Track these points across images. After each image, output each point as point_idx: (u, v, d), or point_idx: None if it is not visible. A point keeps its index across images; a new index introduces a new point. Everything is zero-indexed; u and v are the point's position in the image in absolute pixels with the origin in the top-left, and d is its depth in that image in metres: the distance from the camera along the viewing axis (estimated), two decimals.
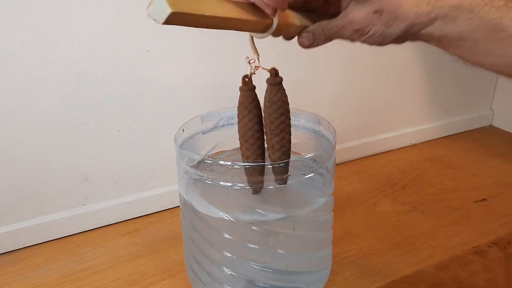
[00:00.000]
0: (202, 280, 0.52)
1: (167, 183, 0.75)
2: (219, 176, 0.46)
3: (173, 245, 0.66)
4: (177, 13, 0.33)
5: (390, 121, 0.96)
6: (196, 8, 0.34)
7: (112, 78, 0.65)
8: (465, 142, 1.00)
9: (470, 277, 0.58)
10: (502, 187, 0.80)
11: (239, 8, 0.38)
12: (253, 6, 0.39)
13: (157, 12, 0.33)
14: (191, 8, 0.34)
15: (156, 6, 0.33)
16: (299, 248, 0.51)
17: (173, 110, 0.71)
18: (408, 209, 0.74)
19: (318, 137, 0.56)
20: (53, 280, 0.60)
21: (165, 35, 0.66)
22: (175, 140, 0.51)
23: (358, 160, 0.93)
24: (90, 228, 0.71)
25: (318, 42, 0.44)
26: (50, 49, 0.60)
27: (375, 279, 0.58)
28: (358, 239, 0.66)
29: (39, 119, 0.62)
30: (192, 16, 0.34)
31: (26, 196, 0.65)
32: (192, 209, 0.50)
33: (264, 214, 0.47)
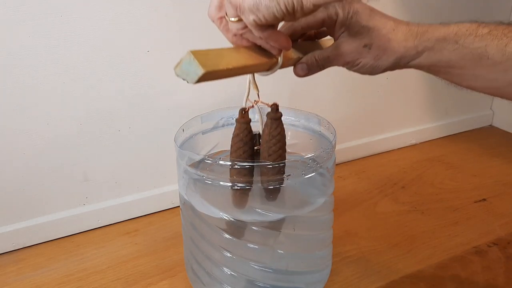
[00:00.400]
0: (202, 280, 0.52)
1: (167, 183, 0.75)
2: (219, 176, 0.46)
3: (173, 245, 0.66)
4: (207, 72, 0.35)
5: (390, 121, 0.96)
6: (220, 63, 0.37)
7: (112, 78, 0.65)
8: (465, 142, 1.00)
9: (470, 277, 0.58)
10: (502, 187, 0.80)
11: (251, 52, 0.41)
12: (260, 48, 0.42)
13: (187, 73, 0.36)
14: (217, 65, 0.36)
15: (186, 67, 0.36)
16: (299, 248, 0.51)
17: (173, 110, 0.71)
18: (408, 209, 0.74)
19: (318, 137, 0.56)
20: (53, 280, 0.60)
21: (165, 35, 0.66)
22: (175, 140, 0.51)
23: (358, 160, 0.93)
24: (90, 228, 0.71)
25: (313, 71, 0.47)
26: (50, 49, 0.60)
27: (375, 279, 0.58)
28: (358, 239, 0.66)
29: (39, 119, 0.62)
30: (219, 71, 0.37)
31: (26, 196, 0.65)
32: (192, 209, 0.50)
33: (264, 214, 0.47)
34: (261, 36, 0.40)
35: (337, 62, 0.46)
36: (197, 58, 0.35)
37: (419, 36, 0.45)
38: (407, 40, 0.45)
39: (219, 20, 0.42)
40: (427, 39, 0.45)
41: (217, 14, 0.42)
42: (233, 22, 0.40)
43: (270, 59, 0.42)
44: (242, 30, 0.40)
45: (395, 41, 0.44)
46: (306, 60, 0.46)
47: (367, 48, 0.44)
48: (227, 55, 0.39)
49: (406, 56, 0.45)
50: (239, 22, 0.39)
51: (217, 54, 0.38)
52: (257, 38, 0.41)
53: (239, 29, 0.40)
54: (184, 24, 0.67)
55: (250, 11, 0.37)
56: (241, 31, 0.40)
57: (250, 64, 0.40)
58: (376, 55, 0.45)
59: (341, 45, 0.45)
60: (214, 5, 0.42)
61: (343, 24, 0.45)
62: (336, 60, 0.46)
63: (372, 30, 0.44)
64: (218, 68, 0.36)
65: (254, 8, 0.36)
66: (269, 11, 0.36)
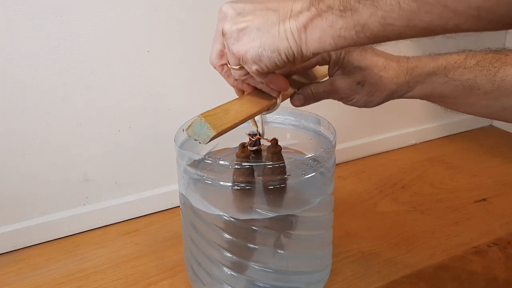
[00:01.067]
0: (202, 280, 0.52)
1: (167, 183, 0.75)
2: (219, 176, 0.46)
3: (173, 245, 0.66)
4: (218, 133, 0.39)
5: (390, 121, 0.96)
6: (228, 120, 0.40)
7: (112, 78, 0.65)
8: (465, 142, 1.00)
9: (470, 277, 0.58)
10: (502, 187, 0.80)
11: (252, 97, 0.44)
12: (259, 91, 0.45)
13: (198, 134, 0.39)
14: (225, 123, 0.40)
15: (197, 129, 0.39)
16: (299, 248, 0.51)
17: (173, 110, 0.71)
18: (408, 209, 0.74)
19: (318, 137, 0.56)
20: (53, 280, 0.60)
21: (165, 35, 0.66)
22: (175, 140, 0.51)
23: (358, 160, 0.93)
24: (90, 228, 0.71)
25: (309, 102, 0.49)
26: (50, 49, 0.60)
27: (375, 279, 0.58)
28: (358, 239, 0.66)
29: (39, 119, 0.62)
30: (227, 128, 0.40)
31: (26, 196, 0.65)
32: (192, 209, 0.50)
33: (264, 214, 0.47)
34: (262, 81, 0.42)
35: (332, 96, 0.49)
36: (207, 120, 0.39)
37: (410, 72, 0.47)
38: (398, 77, 0.47)
39: (220, 67, 0.45)
40: (417, 74, 0.47)
41: (218, 62, 0.44)
42: (235, 69, 0.42)
43: (270, 101, 0.45)
44: (244, 77, 0.42)
45: (387, 78, 0.47)
46: (303, 92, 0.49)
47: (360, 85, 0.47)
48: (232, 109, 0.42)
49: (398, 91, 0.47)
50: (241, 69, 0.41)
51: (223, 110, 0.41)
52: (258, 83, 0.43)
53: (241, 75, 0.42)
54: (184, 24, 0.67)
55: (252, 61, 0.38)
56: (243, 77, 0.42)
57: (253, 112, 0.43)
58: (369, 91, 0.47)
59: (335, 82, 0.48)
60: (215, 53, 0.44)
61: (336, 64, 0.48)
62: (331, 94, 0.48)
63: (364, 69, 0.46)
64: (227, 126, 0.40)
65: (256, 59, 0.38)
66: (271, 61, 0.38)
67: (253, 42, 0.37)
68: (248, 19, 0.38)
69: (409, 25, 0.30)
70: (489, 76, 0.44)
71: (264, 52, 0.37)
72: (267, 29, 0.37)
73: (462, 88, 0.46)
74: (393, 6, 0.30)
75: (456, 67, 0.46)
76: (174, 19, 0.66)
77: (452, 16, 0.28)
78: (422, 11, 0.29)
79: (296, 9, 0.36)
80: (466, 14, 0.27)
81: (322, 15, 0.34)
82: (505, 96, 0.45)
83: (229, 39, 0.39)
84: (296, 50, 0.36)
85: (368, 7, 0.31)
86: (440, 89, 0.46)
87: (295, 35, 0.36)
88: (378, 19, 0.31)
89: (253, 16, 0.38)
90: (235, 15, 0.39)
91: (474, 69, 0.45)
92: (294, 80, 0.49)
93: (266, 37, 0.37)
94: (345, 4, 0.32)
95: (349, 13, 0.32)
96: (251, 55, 0.38)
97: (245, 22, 0.38)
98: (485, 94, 0.45)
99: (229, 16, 0.39)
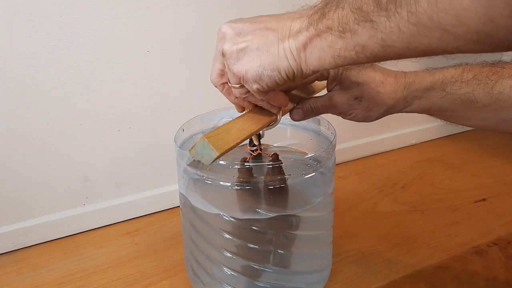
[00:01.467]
0: (202, 280, 0.52)
1: (167, 183, 0.75)
2: (219, 176, 0.46)
3: (173, 245, 0.66)
4: (221, 153, 0.39)
5: (390, 121, 0.95)
6: (230, 140, 0.41)
7: (112, 78, 0.65)
8: (465, 142, 1.00)
9: (470, 277, 0.58)
10: (502, 187, 0.80)
11: (253, 115, 0.45)
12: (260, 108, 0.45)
13: (202, 155, 0.40)
14: (227, 143, 0.40)
15: (200, 150, 0.39)
16: (299, 248, 0.51)
17: (173, 110, 0.71)
18: (408, 209, 0.74)
19: (318, 137, 0.56)
20: (53, 280, 0.60)
21: (165, 35, 0.66)
22: (175, 140, 0.51)
23: (358, 160, 0.93)
24: (90, 228, 0.71)
25: (308, 116, 0.50)
26: (50, 49, 0.60)
27: (375, 279, 0.58)
28: (358, 239, 0.66)
29: (39, 119, 0.62)
30: (230, 148, 0.40)
31: (26, 196, 0.65)
32: (192, 209, 0.50)
33: (264, 214, 0.47)
34: (263, 98, 0.42)
35: (330, 111, 0.49)
36: (210, 141, 0.39)
37: (407, 87, 0.47)
38: (396, 92, 0.47)
39: (221, 86, 0.45)
40: (415, 89, 0.47)
41: (219, 81, 0.45)
42: (236, 88, 0.42)
43: (270, 118, 0.46)
44: (245, 95, 0.43)
45: (384, 93, 0.47)
46: (302, 106, 0.49)
47: (358, 100, 0.47)
48: (233, 128, 0.43)
49: (396, 106, 0.48)
50: (242, 88, 0.42)
51: (225, 130, 0.42)
52: (259, 101, 0.44)
53: (242, 93, 0.43)
54: (184, 24, 0.67)
55: (253, 81, 0.39)
56: (244, 95, 0.43)
57: (255, 130, 0.44)
58: (367, 106, 0.47)
59: (333, 97, 0.48)
60: (216, 73, 0.44)
61: (334, 80, 0.48)
62: (329, 109, 0.49)
63: (361, 84, 0.47)
64: (229, 146, 0.40)
65: (257, 78, 0.38)
66: (271, 80, 0.38)
67: (253, 62, 0.38)
68: (248, 39, 0.38)
69: (409, 47, 0.30)
70: (486, 90, 0.45)
71: (265, 71, 0.37)
72: (266, 49, 0.37)
73: (460, 102, 0.46)
74: (393, 29, 0.30)
75: (453, 81, 0.46)
76: (174, 19, 0.66)
77: (451, 39, 0.28)
78: (422, 34, 0.29)
79: (295, 29, 0.36)
80: (465, 38, 0.27)
81: (321, 35, 0.34)
82: (503, 109, 0.45)
83: (229, 59, 0.39)
84: (296, 68, 0.37)
85: (367, 29, 0.31)
86: (438, 103, 0.47)
87: (295, 54, 0.36)
88: (378, 41, 0.31)
89: (253, 36, 0.38)
90: (234, 35, 0.39)
91: (472, 83, 0.45)
92: (293, 95, 0.50)
93: (265, 57, 0.37)
94: (344, 25, 0.32)
95: (348, 34, 0.32)
96: (251, 75, 0.38)
97: (244, 42, 0.38)
98: (484, 107, 0.45)
99: (228, 36, 0.40)
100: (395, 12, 0.29)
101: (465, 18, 0.26)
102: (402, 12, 0.29)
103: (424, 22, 0.28)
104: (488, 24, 0.25)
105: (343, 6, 0.33)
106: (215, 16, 0.68)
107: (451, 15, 0.26)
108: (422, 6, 0.27)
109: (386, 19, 0.30)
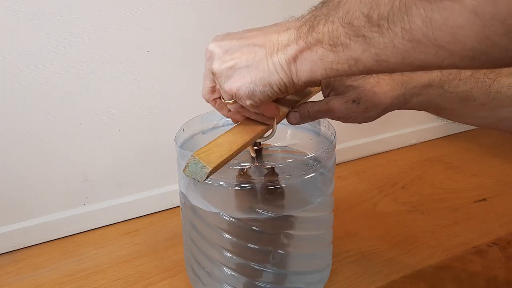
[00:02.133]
0: (202, 280, 0.52)
1: (167, 183, 0.75)
2: (219, 176, 0.46)
3: (173, 245, 0.66)
4: (214, 168, 0.39)
5: (390, 121, 0.96)
6: (222, 153, 0.40)
7: (112, 78, 0.65)
8: (465, 142, 1.00)
9: (470, 277, 0.58)
10: (502, 187, 0.80)
11: (245, 127, 0.44)
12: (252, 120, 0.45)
13: (195, 173, 0.39)
14: (220, 157, 0.40)
15: (193, 168, 0.39)
16: (299, 248, 0.51)
17: (173, 110, 0.71)
18: (408, 209, 0.74)
19: (318, 137, 0.56)
20: (53, 280, 0.60)
21: (165, 35, 0.66)
22: (176, 140, 0.51)
23: (358, 160, 0.93)
24: (90, 228, 0.71)
25: (305, 121, 0.49)
26: (50, 49, 0.60)
27: (375, 279, 0.58)
28: (358, 239, 0.66)
29: (39, 119, 0.62)
30: (223, 161, 0.40)
31: (26, 196, 0.65)
32: (192, 209, 0.50)
33: (264, 214, 0.47)
34: (256, 111, 0.43)
35: (329, 116, 0.48)
36: (201, 158, 0.39)
37: (405, 84, 0.47)
38: (393, 90, 0.46)
39: (213, 101, 0.46)
40: (413, 87, 0.46)
41: (211, 97, 0.45)
42: (229, 104, 0.42)
43: (262, 127, 0.45)
44: (239, 109, 0.43)
45: (381, 93, 0.46)
46: (299, 110, 0.48)
47: (356, 103, 0.46)
48: (225, 141, 0.42)
49: (395, 104, 0.47)
50: (235, 103, 0.41)
51: (216, 145, 0.41)
52: (253, 114, 0.44)
53: (236, 108, 0.43)
54: (184, 24, 0.67)
55: (246, 97, 0.39)
56: (238, 110, 0.43)
57: (248, 140, 0.43)
58: (366, 108, 0.47)
59: (330, 102, 0.47)
60: (207, 89, 0.45)
61: (328, 86, 0.48)
62: (326, 114, 0.48)
63: (356, 87, 0.46)
64: (222, 159, 0.40)
65: (249, 95, 0.38)
66: (264, 95, 0.38)
67: (243, 79, 0.38)
68: (236, 56, 0.38)
69: (404, 62, 0.30)
70: (484, 88, 0.45)
71: (256, 87, 0.38)
72: (255, 65, 0.37)
73: (458, 100, 0.46)
74: (387, 45, 0.29)
75: (451, 79, 0.46)
76: (174, 19, 0.66)
77: (447, 56, 0.27)
78: (417, 50, 0.28)
79: (282, 42, 0.36)
80: (461, 55, 0.27)
81: (312, 48, 0.34)
82: (500, 107, 0.45)
83: (219, 78, 0.39)
84: (288, 81, 0.37)
85: (360, 44, 0.31)
86: (436, 100, 0.47)
87: (285, 67, 0.36)
88: (372, 55, 0.31)
89: (240, 53, 0.38)
90: (222, 54, 0.39)
91: (469, 81, 0.45)
92: (287, 99, 0.49)
93: (255, 73, 0.37)
94: (335, 39, 0.32)
95: (340, 48, 0.32)
96: (244, 92, 0.38)
97: (233, 60, 0.38)
98: (481, 105, 0.45)
99: (216, 55, 0.40)
100: (388, 28, 0.29)
101: (461, 36, 0.26)
102: (395, 29, 0.28)
103: (419, 38, 0.27)
104: (483, 42, 0.25)
105: (332, 20, 0.32)
106: (215, 16, 0.68)
107: (446, 33, 0.26)
108: (416, 23, 0.27)
109: (379, 35, 0.29)
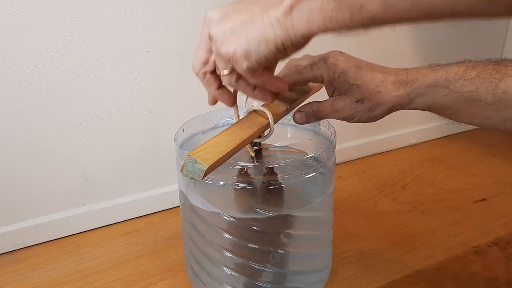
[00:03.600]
0: (202, 280, 0.52)
1: (167, 183, 0.75)
2: (219, 176, 0.46)
3: (173, 245, 0.66)
4: (210, 166, 0.38)
5: (390, 121, 0.95)
6: (219, 151, 0.40)
7: (112, 78, 0.65)
8: (465, 142, 1.00)
9: (470, 277, 0.58)
10: (502, 187, 0.80)
11: (242, 125, 0.44)
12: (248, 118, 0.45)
13: (192, 172, 0.39)
14: (216, 155, 0.39)
15: (190, 167, 0.39)
16: (299, 248, 0.51)
17: (173, 110, 0.71)
18: (408, 209, 0.74)
19: (318, 137, 0.56)
20: (53, 280, 0.60)
21: (165, 35, 0.66)
22: (175, 140, 0.51)
23: (358, 160, 0.93)
24: (90, 228, 0.71)
25: (310, 120, 0.49)
26: (50, 49, 0.60)
27: (375, 279, 0.58)
28: (358, 239, 0.66)
29: (39, 119, 0.62)
30: (220, 159, 0.39)
31: (26, 196, 0.65)
32: (192, 209, 0.50)
33: (264, 214, 0.47)
34: (257, 82, 0.41)
35: (333, 116, 0.48)
36: (197, 157, 0.38)
37: (410, 84, 0.46)
38: (398, 89, 0.46)
39: (202, 75, 0.44)
40: (418, 86, 0.46)
41: (201, 69, 0.43)
42: (225, 75, 0.41)
43: (261, 124, 0.45)
44: (235, 82, 0.41)
45: (386, 92, 0.46)
46: (304, 110, 0.48)
47: (360, 103, 0.47)
48: (221, 140, 0.42)
49: (400, 103, 0.47)
50: (231, 75, 0.40)
51: (213, 144, 0.41)
52: (251, 88, 0.42)
53: (232, 81, 0.41)
54: (184, 24, 0.67)
55: (243, 58, 0.37)
56: (234, 83, 0.41)
57: (245, 138, 0.43)
58: (370, 107, 0.47)
59: (335, 102, 0.47)
60: (199, 61, 0.43)
61: (331, 84, 0.47)
62: (331, 114, 0.48)
63: (360, 86, 0.46)
64: (218, 157, 0.39)
65: (245, 55, 0.36)
66: (260, 55, 0.36)
67: (239, 40, 0.36)
68: (233, 19, 0.37)
69: (413, 7, 0.28)
70: (490, 88, 0.44)
71: (251, 46, 0.36)
72: (251, 23, 0.36)
73: (463, 100, 0.45)
74: None
75: (456, 79, 0.45)
76: (174, 19, 0.66)
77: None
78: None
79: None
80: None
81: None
82: (506, 108, 0.44)
83: (216, 42, 0.38)
84: (284, 36, 0.34)
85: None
86: (441, 100, 0.46)
87: (281, 20, 0.34)
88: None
89: (238, 14, 0.37)
90: (219, 18, 0.38)
91: (475, 81, 0.45)
92: (286, 97, 0.49)
93: (251, 31, 0.36)
94: None
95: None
96: (240, 53, 0.36)
97: (230, 22, 0.37)
98: (487, 105, 0.45)
99: (214, 21, 0.39)
100: None
101: None
102: None
103: None
104: None
105: None
106: None
107: None
108: None
109: None
